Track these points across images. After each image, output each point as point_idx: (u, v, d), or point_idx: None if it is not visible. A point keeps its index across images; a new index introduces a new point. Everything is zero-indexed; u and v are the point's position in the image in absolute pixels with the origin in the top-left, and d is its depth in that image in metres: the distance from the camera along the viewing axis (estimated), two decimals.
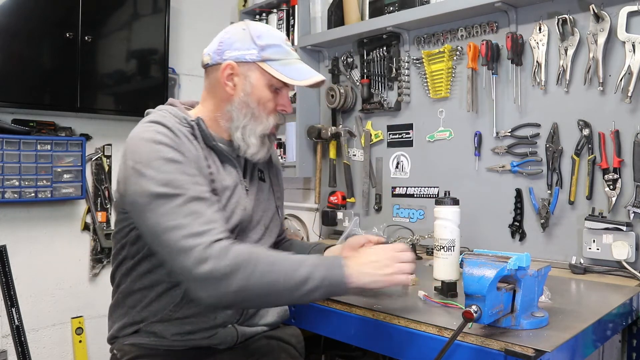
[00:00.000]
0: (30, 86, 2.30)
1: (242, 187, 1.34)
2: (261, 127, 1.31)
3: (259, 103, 1.30)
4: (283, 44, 1.32)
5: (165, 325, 1.25)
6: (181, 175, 1.14)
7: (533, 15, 1.90)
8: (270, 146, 1.37)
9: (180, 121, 1.26)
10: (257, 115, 1.30)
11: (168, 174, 1.13)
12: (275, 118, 1.33)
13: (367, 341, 1.30)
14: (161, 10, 2.72)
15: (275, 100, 1.32)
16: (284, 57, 1.30)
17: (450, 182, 2.13)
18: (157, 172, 1.13)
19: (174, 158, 1.16)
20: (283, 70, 1.29)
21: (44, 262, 2.55)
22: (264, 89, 1.30)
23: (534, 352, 0.98)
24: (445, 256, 1.53)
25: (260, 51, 1.28)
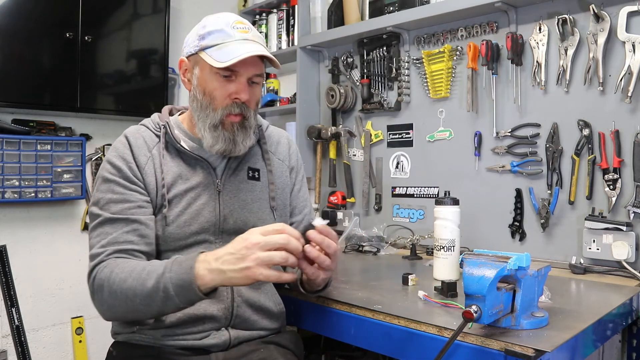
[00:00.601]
0: (30, 86, 2.30)
1: (214, 187, 1.31)
2: (209, 118, 1.26)
3: (204, 94, 1.26)
4: (226, 27, 1.25)
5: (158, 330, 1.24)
6: (108, 193, 1.24)
7: (533, 15, 1.90)
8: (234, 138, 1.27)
9: (155, 127, 1.32)
10: (205, 106, 1.27)
11: (99, 193, 1.25)
12: (225, 108, 1.26)
13: (367, 341, 1.30)
14: (161, 10, 2.72)
15: (225, 89, 1.25)
16: (221, 41, 1.23)
17: (450, 182, 2.13)
18: (95, 191, 1.26)
19: (108, 177, 1.25)
20: (216, 54, 1.22)
21: (44, 262, 2.55)
22: (208, 79, 1.25)
23: (534, 352, 0.98)
24: (445, 256, 1.53)
25: (200, 40, 1.26)
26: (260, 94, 1.36)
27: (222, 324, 1.27)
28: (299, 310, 1.47)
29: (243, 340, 1.30)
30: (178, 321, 1.23)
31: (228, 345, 1.27)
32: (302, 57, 2.64)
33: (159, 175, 1.27)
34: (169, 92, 2.78)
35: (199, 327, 1.24)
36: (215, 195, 1.31)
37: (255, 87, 1.31)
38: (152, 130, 1.33)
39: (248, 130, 1.31)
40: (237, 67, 1.23)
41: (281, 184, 1.45)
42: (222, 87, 1.26)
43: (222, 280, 1.07)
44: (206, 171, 1.32)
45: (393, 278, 1.61)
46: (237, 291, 1.28)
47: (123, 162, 1.26)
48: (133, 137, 1.30)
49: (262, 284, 1.35)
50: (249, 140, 1.32)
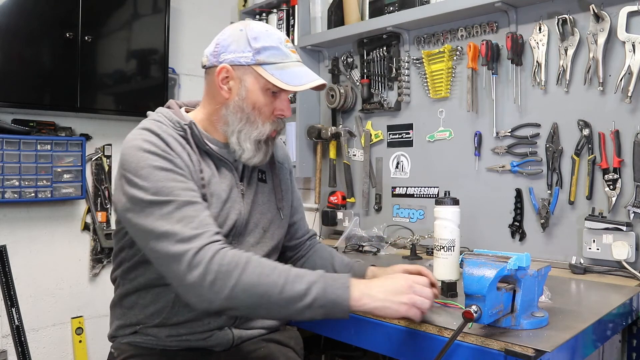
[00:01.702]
0: (30, 86, 2.30)
1: (238, 190, 1.32)
2: (256, 132, 1.27)
3: (254, 108, 1.26)
4: (281, 45, 1.26)
5: (161, 329, 1.25)
6: (171, 182, 1.14)
7: (533, 15, 1.90)
8: (268, 151, 1.32)
9: (174, 125, 1.25)
10: (252, 120, 1.26)
11: (157, 182, 1.13)
12: (272, 124, 1.28)
13: (367, 341, 1.29)
14: (161, 10, 2.72)
15: (272, 105, 1.28)
16: (280, 60, 1.25)
17: (450, 182, 2.13)
18: (147, 181, 1.13)
19: (162, 166, 1.16)
20: (279, 74, 1.23)
21: (44, 262, 2.55)
22: (260, 94, 1.25)
23: (534, 352, 0.98)
24: (445, 256, 1.53)
25: (256, 54, 1.24)
26: None
27: (226, 324, 1.28)
28: None
29: (245, 339, 1.31)
30: (185, 320, 1.24)
31: (231, 345, 1.28)
32: (302, 57, 2.63)
33: (197, 174, 1.23)
34: (169, 92, 2.78)
35: (204, 326, 1.25)
36: (240, 198, 1.32)
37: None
38: (173, 128, 1.26)
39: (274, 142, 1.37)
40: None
41: (284, 186, 1.48)
42: (270, 103, 1.27)
43: (375, 307, 1.08)
44: (231, 173, 1.32)
45: None
46: None
47: (169, 154, 1.19)
48: (162, 134, 1.21)
49: None
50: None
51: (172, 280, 1.10)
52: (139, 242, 1.16)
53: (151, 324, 1.25)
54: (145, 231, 1.11)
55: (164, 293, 1.25)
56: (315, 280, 1.06)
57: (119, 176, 1.20)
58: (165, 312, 1.24)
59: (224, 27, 1.35)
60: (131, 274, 1.29)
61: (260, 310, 1.08)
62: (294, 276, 1.07)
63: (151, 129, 1.21)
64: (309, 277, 1.07)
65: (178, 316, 1.24)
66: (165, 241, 1.08)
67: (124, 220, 1.19)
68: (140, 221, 1.12)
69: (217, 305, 1.07)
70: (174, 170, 1.17)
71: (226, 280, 1.05)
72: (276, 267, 1.09)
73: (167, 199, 1.12)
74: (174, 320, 1.24)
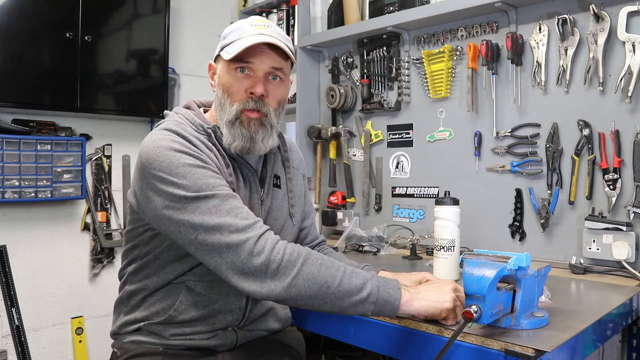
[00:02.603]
0: (30, 86, 2.30)
1: (258, 196, 1.32)
2: (226, 114, 1.25)
3: (223, 91, 1.26)
4: (245, 25, 1.25)
5: (166, 327, 1.25)
6: (209, 178, 1.14)
7: (533, 15, 1.90)
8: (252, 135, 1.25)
9: (197, 128, 1.25)
10: (223, 104, 1.26)
11: (197, 179, 1.13)
12: (239, 103, 1.24)
13: (367, 341, 1.30)
14: (161, 10, 2.72)
15: (241, 84, 1.24)
16: (237, 37, 1.23)
17: (450, 182, 2.13)
18: (185, 179, 1.13)
19: (196, 164, 1.15)
20: (230, 48, 1.23)
21: (44, 262, 2.55)
22: (225, 76, 1.25)
23: (534, 352, 0.99)
24: (445, 256, 1.53)
25: (222, 40, 1.28)
26: (283, 92, 1.31)
27: (232, 324, 1.28)
28: (299, 310, 1.47)
29: (249, 339, 1.31)
30: (191, 319, 1.24)
31: (235, 345, 1.28)
32: (302, 57, 2.64)
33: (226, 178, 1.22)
34: (169, 92, 2.78)
35: (209, 326, 1.25)
36: (259, 204, 1.32)
37: (277, 83, 1.28)
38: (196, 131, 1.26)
39: (268, 129, 1.27)
40: (250, 58, 1.22)
41: (298, 192, 1.46)
42: (238, 82, 1.24)
43: (420, 307, 1.12)
44: (252, 179, 1.32)
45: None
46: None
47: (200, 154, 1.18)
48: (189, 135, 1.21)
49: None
50: (270, 140, 1.29)
51: (228, 271, 1.09)
52: (181, 237, 1.14)
53: (156, 321, 1.25)
54: (193, 226, 1.11)
55: (173, 291, 1.25)
56: (370, 278, 1.11)
57: (144, 176, 1.17)
58: (172, 310, 1.24)
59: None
60: (143, 271, 1.29)
61: (317, 300, 1.09)
62: (351, 271, 1.10)
63: (175, 131, 1.20)
64: (363, 274, 1.11)
65: (184, 315, 1.24)
66: (218, 233, 1.09)
67: (156, 220, 1.17)
68: (186, 217, 1.11)
69: (277, 294, 1.07)
70: (209, 167, 1.17)
71: (289, 269, 1.07)
72: (334, 261, 1.12)
73: (211, 193, 1.12)
74: (180, 318, 1.24)
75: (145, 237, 1.26)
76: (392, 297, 1.09)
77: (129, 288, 1.31)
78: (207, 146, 1.23)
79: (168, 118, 1.29)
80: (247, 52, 1.22)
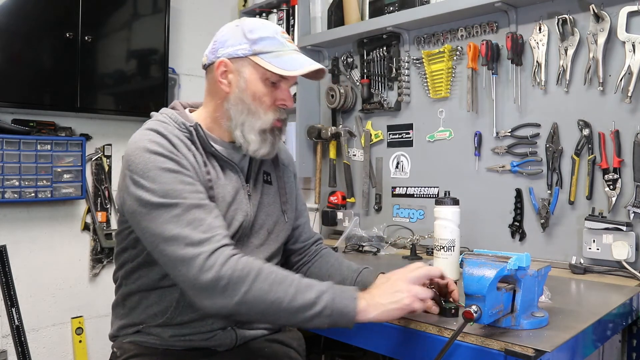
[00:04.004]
0: (30, 86, 2.30)
1: (244, 192, 1.32)
2: (259, 122, 1.26)
3: (254, 98, 1.25)
4: (277, 35, 1.26)
5: (164, 329, 1.25)
6: (179, 184, 1.14)
7: (533, 15, 1.90)
8: (274, 142, 1.30)
9: (179, 127, 1.25)
10: (253, 110, 1.26)
11: (165, 184, 1.13)
12: (274, 113, 1.27)
13: (367, 341, 1.30)
14: (161, 10, 2.72)
15: (273, 95, 1.27)
16: (277, 49, 1.24)
17: (450, 182, 2.13)
18: (154, 183, 1.13)
19: (170, 167, 1.15)
20: (276, 61, 1.23)
21: (44, 262, 2.55)
22: (259, 83, 1.25)
23: (534, 352, 0.99)
24: (445, 256, 1.53)
25: (252, 45, 1.24)
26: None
27: (230, 324, 1.27)
28: None
29: (248, 339, 1.31)
30: (189, 319, 1.23)
31: (234, 345, 1.28)
32: None
33: (203, 175, 1.23)
34: (169, 92, 2.78)
35: (207, 326, 1.25)
36: (246, 199, 1.31)
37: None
38: (179, 129, 1.26)
39: (281, 135, 1.34)
40: (289, 76, 1.26)
41: (289, 188, 1.47)
42: (271, 93, 1.27)
43: (380, 313, 1.09)
44: (237, 175, 1.31)
45: None
46: None
47: (176, 156, 1.18)
48: (168, 136, 1.21)
49: None
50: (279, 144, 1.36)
51: (182, 283, 1.10)
52: (147, 244, 1.16)
53: (154, 324, 1.25)
54: (154, 234, 1.11)
55: (168, 293, 1.24)
56: (325, 290, 1.08)
57: (123, 177, 1.18)
58: (169, 312, 1.24)
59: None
60: (134, 274, 1.29)
61: (270, 316, 1.09)
62: (305, 285, 1.08)
63: (157, 130, 1.21)
64: (318, 287, 1.08)
65: (182, 316, 1.24)
66: (175, 244, 1.08)
67: (131, 222, 1.19)
68: (149, 224, 1.12)
69: (228, 310, 1.07)
70: (181, 171, 1.16)
71: (239, 286, 1.05)
72: (287, 276, 1.10)
73: (175, 201, 1.11)
74: (178, 320, 1.24)
75: (132, 240, 1.26)
76: (347, 307, 1.07)
77: (124, 291, 1.31)
78: (186, 145, 1.23)
79: (153, 118, 1.29)
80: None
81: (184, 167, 1.18)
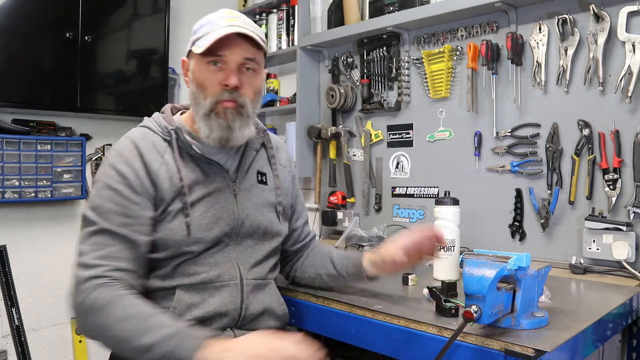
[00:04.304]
0: (30, 86, 2.31)
1: (230, 191, 1.31)
2: (202, 109, 1.25)
3: (197, 86, 1.26)
4: (215, 18, 1.25)
5: None
6: (109, 203, 1.19)
7: (533, 15, 1.90)
8: (229, 125, 1.24)
9: (162, 131, 1.28)
10: (197, 99, 1.26)
11: (99, 199, 1.20)
12: (213, 96, 1.23)
13: (367, 341, 1.30)
14: (161, 10, 2.72)
15: (215, 77, 1.23)
16: (207, 31, 1.22)
17: (450, 182, 2.13)
18: (94, 196, 1.21)
19: (111, 185, 1.20)
20: (201, 42, 1.22)
21: (44, 262, 2.55)
22: (198, 71, 1.25)
23: (534, 352, 0.98)
24: (445, 256, 1.53)
25: (193, 36, 1.27)
26: (258, 83, 1.31)
27: (230, 325, 1.27)
28: (299, 310, 1.47)
29: None
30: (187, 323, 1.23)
31: None
32: (302, 57, 2.64)
33: (176, 181, 1.24)
34: (169, 92, 2.78)
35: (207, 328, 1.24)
36: (232, 199, 1.31)
37: (251, 74, 1.27)
38: (159, 134, 1.29)
39: (245, 119, 1.27)
40: (222, 51, 1.22)
41: (285, 189, 1.47)
42: (212, 75, 1.24)
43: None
44: (221, 175, 1.31)
45: (393, 278, 1.61)
46: (247, 292, 1.28)
47: (130, 169, 1.21)
48: (141, 142, 1.25)
49: (267, 285, 1.35)
50: (247, 130, 1.28)
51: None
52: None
53: None
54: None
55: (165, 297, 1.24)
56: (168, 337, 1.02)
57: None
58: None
59: None
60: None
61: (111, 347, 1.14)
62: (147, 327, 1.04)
63: (132, 137, 1.26)
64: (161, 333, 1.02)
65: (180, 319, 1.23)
66: (78, 257, 1.16)
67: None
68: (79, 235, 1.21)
69: (86, 335, 1.15)
70: (122, 193, 1.19)
71: (92, 317, 1.09)
72: (136, 315, 1.06)
73: (94, 219, 1.18)
74: None
75: None
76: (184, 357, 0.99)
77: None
78: (160, 152, 1.25)
79: (141, 123, 1.33)
80: (219, 44, 1.21)
81: (132, 187, 1.20)
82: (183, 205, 1.23)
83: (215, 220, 1.27)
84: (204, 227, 1.25)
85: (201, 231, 1.25)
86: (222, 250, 1.28)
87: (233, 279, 1.27)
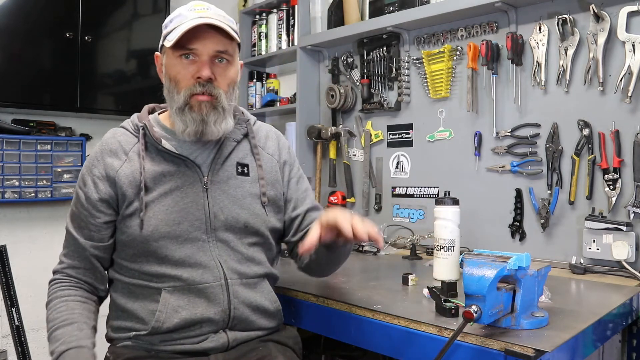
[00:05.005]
0: (30, 86, 2.30)
1: (200, 185, 1.29)
2: (176, 103, 1.25)
3: (171, 81, 1.25)
4: (185, 11, 1.24)
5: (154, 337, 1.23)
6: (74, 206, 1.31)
7: (533, 15, 1.90)
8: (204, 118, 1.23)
9: (133, 128, 1.32)
10: (171, 92, 1.26)
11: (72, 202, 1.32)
12: (187, 89, 1.23)
13: (367, 341, 1.30)
14: (161, 10, 2.72)
15: (188, 70, 1.23)
16: (177, 24, 1.21)
17: (450, 182, 2.13)
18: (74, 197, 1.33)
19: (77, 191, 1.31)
20: (171, 36, 1.21)
21: (44, 262, 2.54)
22: (171, 65, 1.24)
23: (534, 352, 0.99)
24: (445, 256, 1.53)
25: (164, 29, 1.27)
26: (232, 74, 1.29)
27: (220, 327, 1.26)
28: (298, 310, 1.47)
29: (241, 341, 1.29)
30: (175, 326, 1.22)
31: (227, 347, 1.27)
32: (302, 57, 2.64)
33: (138, 176, 1.25)
34: None
35: (196, 331, 1.24)
36: (202, 193, 1.29)
37: (224, 66, 1.26)
38: (130, 131, 1.31)
39: (220, 112, 1.25)
40: (192, 44, 1.21)
41: (271, 179, 1.40)
42: (185, 69, 1.23)
43: None
44: (191, 169, 1.29)
45: (393, 278, 1.61)
46: (234, 292, 1.27)
47: (89, 176, 1.28)
48: (107, 142, 1.31)
49: (257, 284, 1.33)
50: (223, 123, 1.27)
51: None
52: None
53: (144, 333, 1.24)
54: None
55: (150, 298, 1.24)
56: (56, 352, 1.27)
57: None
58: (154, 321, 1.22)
59: None
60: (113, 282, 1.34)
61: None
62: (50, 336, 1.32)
63: (102, 140, 1.33)
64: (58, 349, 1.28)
65: (167, 323, 1.22)
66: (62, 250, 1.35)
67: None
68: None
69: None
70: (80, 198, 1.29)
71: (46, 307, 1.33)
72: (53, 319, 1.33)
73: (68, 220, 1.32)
74: (165, 327, 1.22)
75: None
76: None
77: (111, 296, 1.34)
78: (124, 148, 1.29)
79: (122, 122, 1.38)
80: (189, 37, 1.20)
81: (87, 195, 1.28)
82: (140, 202, 1.24)
83: (184, 214, 1.26)
84: (170, 222, 1.24)
85: (168, 226, 1.24)
86: (202, 249, 1.26)
87: (217, 280, 1.25)
